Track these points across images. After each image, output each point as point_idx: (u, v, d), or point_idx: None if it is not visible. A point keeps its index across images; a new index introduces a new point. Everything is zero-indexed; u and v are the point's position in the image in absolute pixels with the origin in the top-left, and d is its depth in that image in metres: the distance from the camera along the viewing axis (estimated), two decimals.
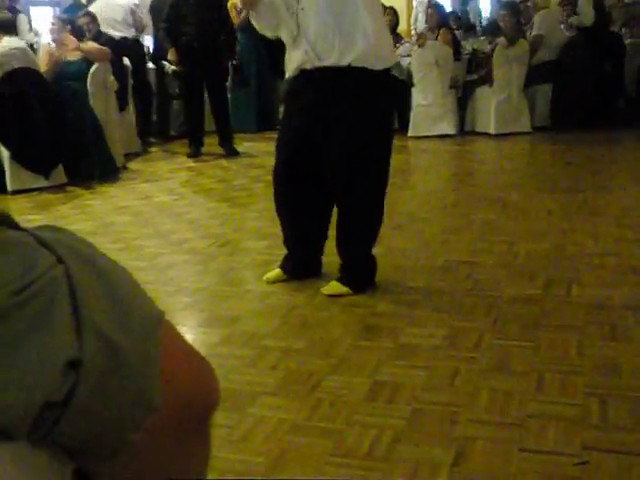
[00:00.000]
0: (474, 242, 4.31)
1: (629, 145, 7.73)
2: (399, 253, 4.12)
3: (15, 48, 6.30)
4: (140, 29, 8.70)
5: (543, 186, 5.82)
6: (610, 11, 11.34)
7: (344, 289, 3.49)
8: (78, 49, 6.81)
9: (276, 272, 3.75)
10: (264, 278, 3.77)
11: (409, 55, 8.35)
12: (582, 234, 4.38)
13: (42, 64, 6.64)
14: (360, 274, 3.56)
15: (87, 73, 6.80)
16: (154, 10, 8.94)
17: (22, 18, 8.79)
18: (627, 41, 10.17)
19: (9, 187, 6.23)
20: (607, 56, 9.03)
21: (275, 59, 9.40)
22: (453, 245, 4.29)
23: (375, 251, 3.62)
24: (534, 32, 8.60)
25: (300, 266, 3.73)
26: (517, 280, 3.65)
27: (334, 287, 3.51)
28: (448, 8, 11.44)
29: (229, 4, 3.62)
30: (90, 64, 6.83)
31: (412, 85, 8.16)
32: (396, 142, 6.88)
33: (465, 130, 8.42)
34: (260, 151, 8.03)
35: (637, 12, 11.42)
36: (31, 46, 7.33)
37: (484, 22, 12.68)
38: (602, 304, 3.28)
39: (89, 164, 6.59)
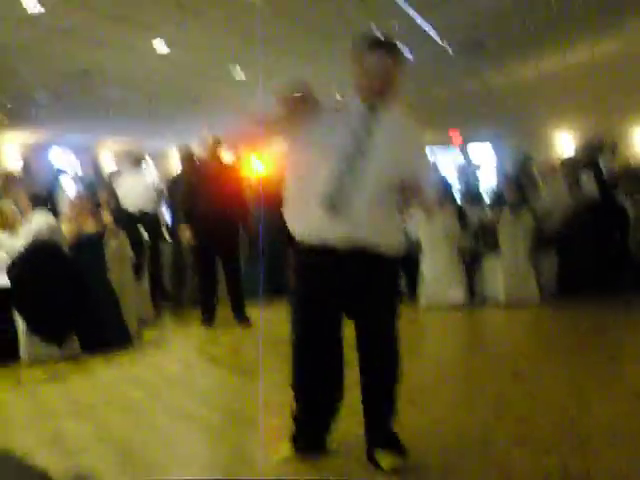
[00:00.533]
0: (487, 416, 4.26)
1: (637, 314, 7.77)
2: (414, 430, 4.05)
3: (43, 222, 6.58)
4: (160, 205, 9.22)
5: (554, 356, 5.81)
6: (616, 181, 11.73)
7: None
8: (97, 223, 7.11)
9: (286, 447, 3.70)
10: (275, 454, 3.72)
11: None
12: (597, 406, 4.34)
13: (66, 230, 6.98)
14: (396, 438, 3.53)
15: (104, 244, 7.05)
16: (170, 189, 9.40)
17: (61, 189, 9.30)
18: (630, 210, 10.45)
19: (23, 356, 6.26)
20: (612, 225, 9.25)
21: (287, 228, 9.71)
22: (466, 421, 4.24)
23: None
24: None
25: (309, 441, 3.68)
26: (533, 457, 3.58)
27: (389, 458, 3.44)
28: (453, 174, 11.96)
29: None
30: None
31: (419, 253, 8.34)
32: (407, 311, 6.94)
33: (475, 299, 8.52)
34: (272, 319, 8.09)
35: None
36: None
37: (488, 191, 13.15)
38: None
39: (103, 333, 6.66)
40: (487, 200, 11.48)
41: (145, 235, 8.31)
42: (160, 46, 10.13)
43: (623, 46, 17.10)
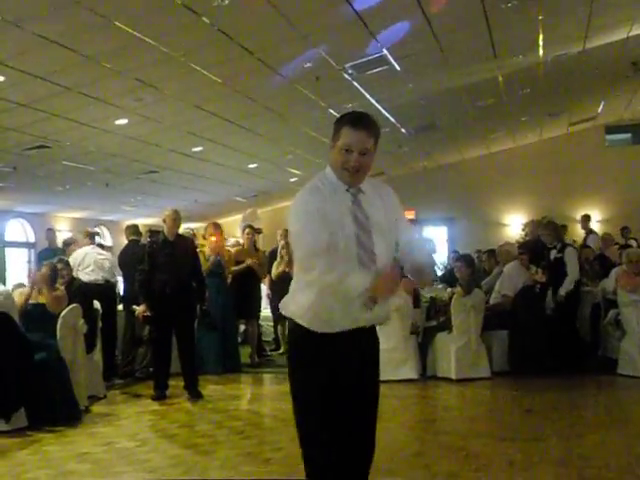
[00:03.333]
0: None
1: (586, 390, 7.92)
2: None
3: None
4: (115, 276, 9.25)
5: (505, 434, 5.88)
6: None
7: None
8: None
9: None
10: None
11: None
12: None
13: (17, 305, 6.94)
14: None
15: (56, 315, 7.02)
16: (123, 258, 9.42)
17: None
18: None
19: None
20: (563, 305, 9.45)
21: (240, 303, 9.76)
22: None
23: None
24: (503, 291, 9.03)
25: None
26: None
27: None
28: None
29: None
30: None
31: None
32: None
33: (427, 375, 8.60)
34: (224, 394, 8.07)
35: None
36: None
37: (441, 269, 13.41)
38: None
39: (52, 407, 6.54)
40: (439, 278, 11.75)
41: (99, 307, 8.24)
42: (118, 118, 10.29)
43: (567, 131, 17.87)
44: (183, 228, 10.45)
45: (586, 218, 14.35)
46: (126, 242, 9.85)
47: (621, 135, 18.52)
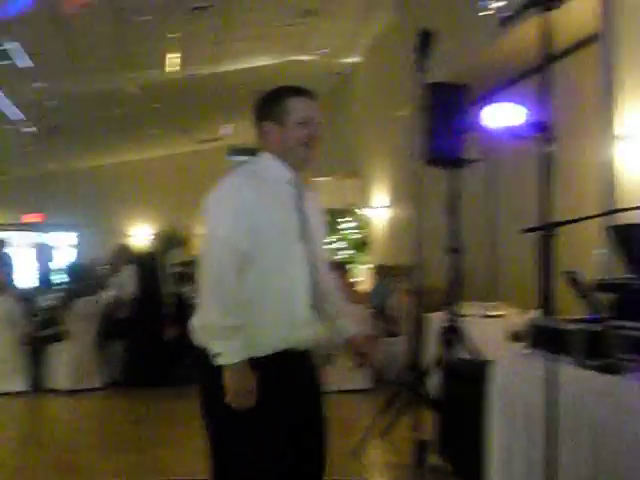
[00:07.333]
0: None
1: (193, 401, 8.19)
2: None
3: None
4: None
5: (114, 445, 5.87)
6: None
7: None
8: None
9: None
10: None
11: None
12: None
13: None
14: None
15: None
16: None
17: None
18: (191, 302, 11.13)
19: None
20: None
21: None
22: None
23: None
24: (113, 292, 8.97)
25: None
26: None
27: None
28: None
29: None
30: None
31: None
32: None
33: (38, 387, 8.22)
34: None
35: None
36: None
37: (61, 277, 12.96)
38: None
39: None
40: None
41: None
42: None
43: (195, 148, 18.57)
44: None
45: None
46: None
47: (242, 157, 19.70)
